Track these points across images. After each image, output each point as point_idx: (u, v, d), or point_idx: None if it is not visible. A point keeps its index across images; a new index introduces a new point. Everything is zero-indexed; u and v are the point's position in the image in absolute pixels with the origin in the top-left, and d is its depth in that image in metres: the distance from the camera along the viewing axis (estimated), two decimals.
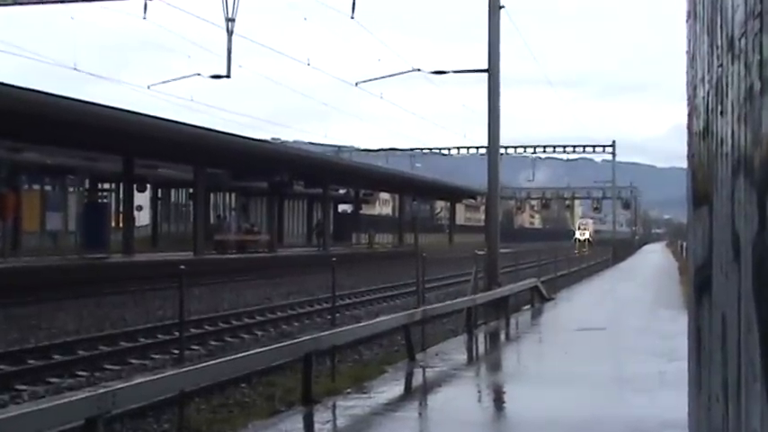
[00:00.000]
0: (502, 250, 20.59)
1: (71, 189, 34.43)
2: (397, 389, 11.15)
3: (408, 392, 11.23)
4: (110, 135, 31.12)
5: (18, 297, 21.44)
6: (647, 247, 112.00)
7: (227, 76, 26.61)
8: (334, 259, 12.65)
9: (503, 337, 17.30)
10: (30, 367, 13.10)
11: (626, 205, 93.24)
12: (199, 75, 30.32)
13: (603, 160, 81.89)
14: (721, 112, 3.16)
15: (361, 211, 74.16)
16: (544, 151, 72.43)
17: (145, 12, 27.06)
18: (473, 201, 70.34)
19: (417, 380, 12.04)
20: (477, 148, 64.25)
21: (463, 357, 14.26)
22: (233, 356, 9.22)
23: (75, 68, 30.82)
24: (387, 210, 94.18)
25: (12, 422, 5.62)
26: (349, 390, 10.56)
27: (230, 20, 25.90)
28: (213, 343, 16.32)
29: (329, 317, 16.59)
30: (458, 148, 70.59)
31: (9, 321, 18.07)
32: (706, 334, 3.49)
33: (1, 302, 20.33)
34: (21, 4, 29.14)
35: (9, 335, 16.24)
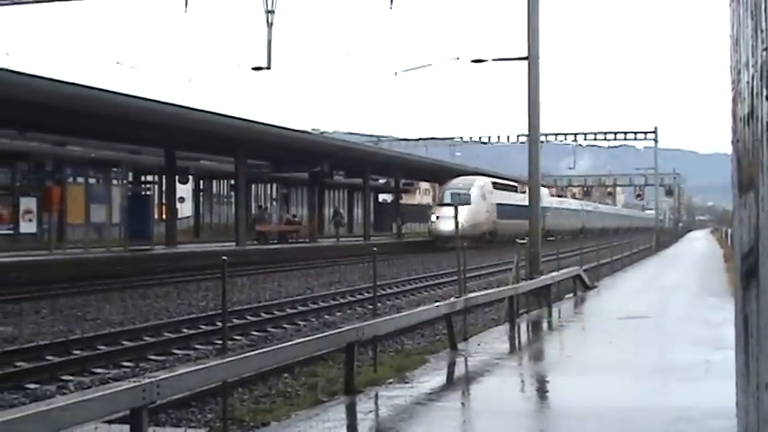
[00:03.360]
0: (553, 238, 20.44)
1: (115, 182, 34.83)
2: (439, 379, 11.13)
3: (450, 382, 11.21)
4: (152, 128, 31.44)
5: (64, 288, 21.73)
6: (690, 235, 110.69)
7: (268, 68, 26.67)
8: (375, 249, 12.63)
9: (545, 326, 17.19)
10: (75, 358, 13.27)
11: (669, 192, 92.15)
12: (239, 66, 30.41)
13: (645, 147, 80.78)
14: (766, 97, 3.09)
15: (402, 201, 74.18)
16: (585, 139, 71.79)
17: (186, 6, 27.23)
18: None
19: (459, 369, 12.01)
20: (519, 136, 63.90)
21: (505, 347, 14.20)
22: (275, 347, 9.24)
23: (117, 63, 31.06)
24: (427, 199, 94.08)
25: (58, 412, 5.69)
26: (391, 380, 10.56)
27: (270, 11, 25.95)
28: (255, 333, 16.41)
29: (371, 306, 16.62)
30: (498, 136, 70.26)
31: (55, 312, 18.33)
32: (754, 321, 3.43)
33: (47, 294, 20.63)
34: (58, 0, 29.45)
35: (55, 326, 16.47)
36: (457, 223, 15.89)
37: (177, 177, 43.36)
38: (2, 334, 15.20)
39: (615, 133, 70.71)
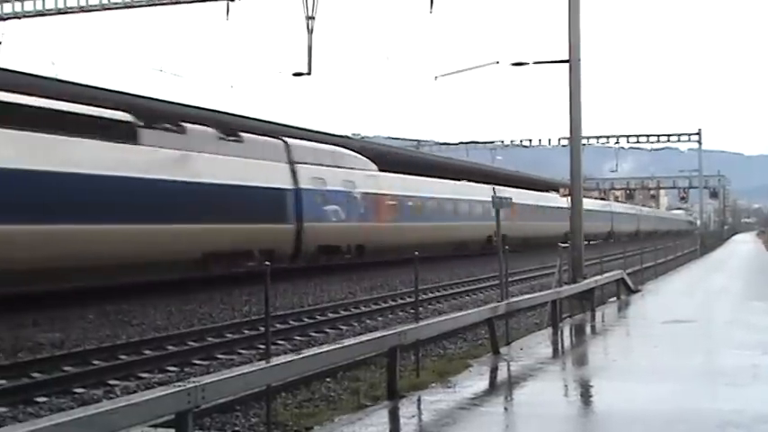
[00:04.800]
0: (586, 242, 20.26)
1: None
2: (481, 383, 11.10)
3: (493, 387, 11.17)
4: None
5: (109, 294, 21.98)
6: (736, 237, 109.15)
7: (309, 74, 26.80)
8: (416, 253, 12.61)
9: (588, 330, 17.06)
10: (121, 362, 13.44)
11: (713, 194, 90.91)
12: (280, 72, 30.67)
13: (689, 149, 79.85)
14: None
15: None
16: (627, 141, 71.04)
17: (228, 13, 27.49)
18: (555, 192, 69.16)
19: (502, 374, 11.96)
20: (560, 138, 63.52)
21: (548, 351, 14.10)
22: (318, 351, 9.26)
23: (160, 70, 31.44)
24: None
25: (105, 416, 5.76)
26: (434, 384, 10.55)
27: (310, 18, 26.09)
28: (298, 338, 16.48)
29: (412, 311, 16.61)
30: (540, 139, 69.91)
31: (101, 317, 18.56)
32: None
33: (94, 299, 20.88)
34: (109, 8, 29.86)
35: (101, 331, 16.68)
36: (499, 226, 15.79)
37: None
38: (50, 339, 15.43)
39: (658, 135, 69.82)
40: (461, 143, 74.63)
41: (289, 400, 10.77)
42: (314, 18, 26.28)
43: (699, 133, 68.40)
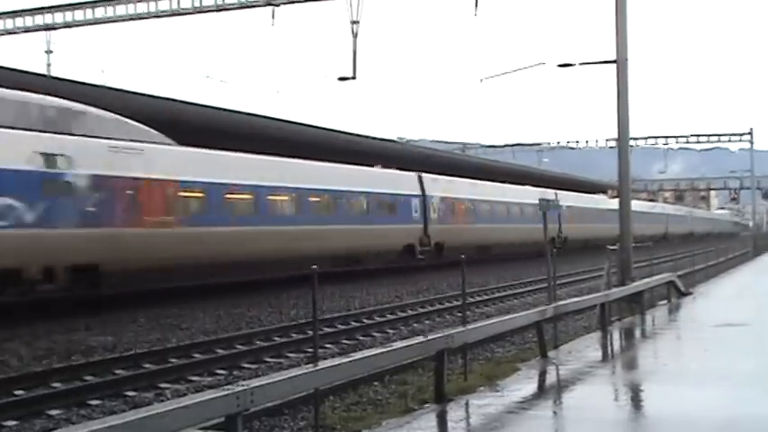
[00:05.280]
0: (635, 244, 20.05)
1: None
2: (530, 387, 11.03)
3: (542, 391, 11.10)
4: (246, 139, 31.93)
5: (160, 298, 22.25)
6: None
7: (353, 78, 26.90)
8: (462, 256, 12.58)
9: (638, 333, 16.87)
10: (172, 366, 13.59)
11: (766, 195, 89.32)
12: (325, 77, 30.96)
13: (740, 149, 78.62)
14: None
15: None
16: (677, 142, 70.16)
17: (273, 18, 27.72)
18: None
19: (551, 378, 11.88)
20: (607, 140, 62.96)
21: (597, 355, 13.98)
22: (365, 355, 9.28)
23: (207, 77, 31.77)
24: None
25: (156, 419, 5.83)
26: (482, 388, 10.52)
27: (355, 22, 26.19)
28: (345, 341, 16.53)
29: (460, 314, 16.55)
30: (587, 140, 69.37)
31: (152, 321, 18.79)
32: None
33: (144, 304, 21.16)
34: (158, 16, 30.25)
35: (152, 334, 16.88)
36: (546, 229, 15.70)
37: None
38: (102, 343, 15.66)
39: (708, 135, 68.92)
40: (507, 145, 74.35)
41: (336, 404, 10.80)
42: (358, 22, 26.38)
43: (750, 133, 67.30)
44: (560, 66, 27.58)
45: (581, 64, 25.09)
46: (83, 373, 12.77)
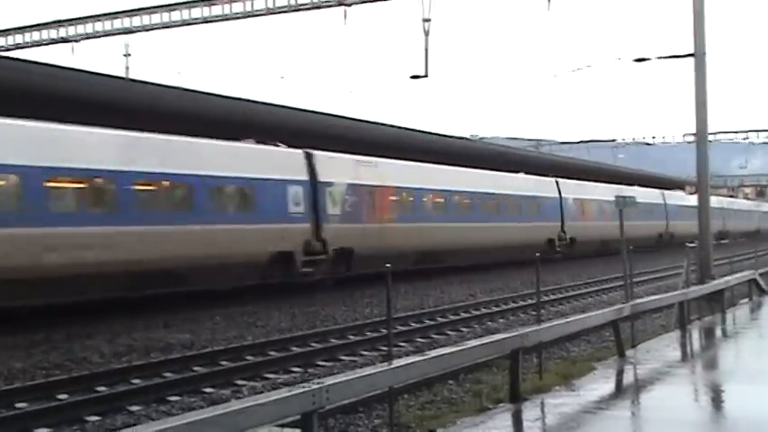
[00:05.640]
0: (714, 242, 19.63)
1: None
2: (607, 387, 10.89)
3: (619, 390, 10.94)
4: (320, 138, 31.99)
5: (236, 296, 22.53)
6: None
7: (425, 76, 26.89)
8: (537, 254, 12.49)
9: (719, 332, 16.51)
10: (248, 363, 13.76)
11: None
12: (397, 76, 31.02)
13: None
14: None
15: None
16: (758, 136, 68.45)
17: (345, 18, 27.89)
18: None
19: (628, 377, 11.71)
20: (685, 135, 61.77)
21: (676, 354, 13.72)
22: (440, 353, 9.27)
23: (281, 77, 32.09)
24: None
25: (233, 416, 5.91)
26: (557, 387, 10.41)
27: (426, 20, 26.17)
28: (419, 340, 16.52)
29: (534, 313, 16.41)
30: (663, 136, 68.16)
31: (228, 319, 19.05)
32: None
33: (221, 302, 21.45)
34: (231, 19, 30.69)
35: (228, 332, 17.12)
36: (622, 226, 15.46)
37: None
38: (180, 340, 15.94)
39: None
40: (582, 142, 73.48)
41: (411, 402, 10.81)
42: (430, 20, 26.35)
43: None
44: (636, 60, 27.13)
45: (658, 58, 24.65)
46: (162, 369, 13.01)
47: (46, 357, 14.05)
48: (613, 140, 73.55)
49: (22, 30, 35.80)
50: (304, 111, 33.14)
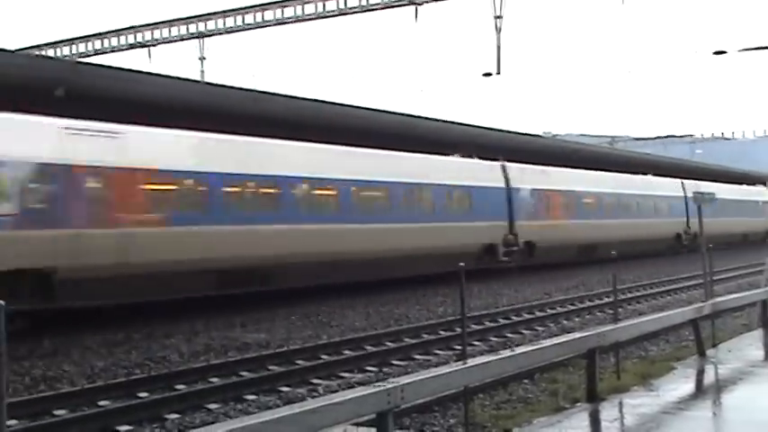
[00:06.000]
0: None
1: None
2: (687, 387, 10.68)
3: (700, 390, 10.73)
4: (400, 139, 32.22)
5: (311, 296, 22.72)
6: None
7: (498, 73, 26.74)
8: (613, 253, 12.31)
9: None
10: (323, 362, 13.86)
11: None
12: (469, 73, 31.01)
13: None
14: None
15: None
16: None
17: (416, 16, 27.90)
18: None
19: (709, 377, 11.46)
20: (766, 129, 60.25)
21: (759, 354, 13.38)
22: (515, 353, 9.20)
23: (353, 77, 32.29)
24: None
25: (309, 415, 5.96)
26: (635, 387, 10.26)
27: (498, 17, 26.03)
28: (494, 339, 16.43)
29: (611, 311, 16.18)
30: (743, 131, 66.56)
31: (303, 319, 19.22)
32: None
33: (296, 302, 21.66)
34: (303, 20, 30.96)
35: (304, 331, 17.26)
36: (701, 223, 15.15)
37: None
38: (256, 339, 16.13)
39: None
40: (658, 138, 72.23)
41: (486, 401, 10.75)
42: (502, 17, 26.20)
43: None
44: (715, 53, 26.57)
45: (739, 51, 24.08)
46: (238, 368, 13.18)
47: (127, 356, 14.36)
48: (690, 135, 72.13)
49: (100, 36, 36.67)
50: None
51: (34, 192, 16.73)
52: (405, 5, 29.05)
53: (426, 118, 35.43)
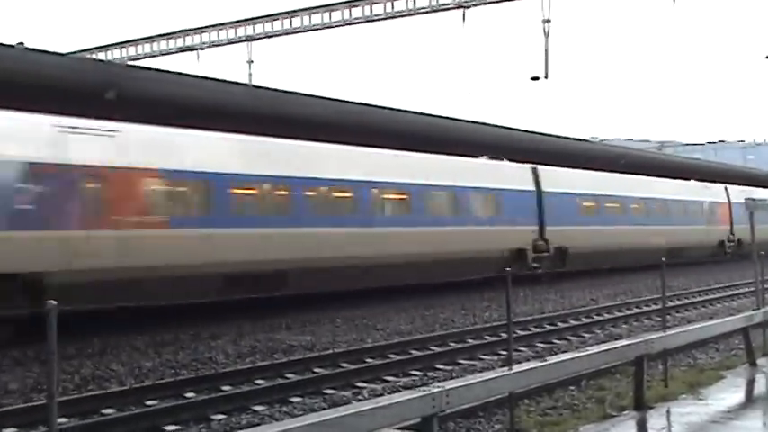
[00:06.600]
0: None
1: None
2: (736, 396, 10.52)
3: (750, 400, 10.56)
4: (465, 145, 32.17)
5: (355, 299, 22.77)
6: None
7: (546, 78, 26.59)
8: (663, 259, 12.16)
9: None
10: (368, 366, 13.87)
11: None
12: (517, 77, 30.98)
13: None
14: None
15: None
16: None
17: (464, 19, 27.85)
18: None
19: (760, 386, 11.29)
20: None
21: None
22: (561, 359, 9.14)
23: (399, 81, 32.24)
24: None
25: (354, 418, 5.97)
26: (684, 395, 10.13)
27: (547, 21, 25.89)
28: (540, 345, 16.32)
29: (659, 319, 15.99)
30: None
31: (348, 322, 19.26)
32: None
33: (341, 305, 21.72)
34: (351, 24, 31.03)
35: (348, 335, 17.31)
36: (753, 230, 14.92)
37: None
38: (301, 342, 16.20)
39: None
40: (709, 143, 71.25)
41: (531, 407, 10.67)
42: (550, 21, 26.05)
43: None
44: None
45: None
46: (284, 370, 13.25)
47: (174, 357, 14.51)
48: (742, 141, 71.05)
49: (151, 39, 37.11)
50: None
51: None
52: (452, 9, 29.00)
53: (455, 119, 34.94)
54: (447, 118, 35.15)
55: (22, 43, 21.57)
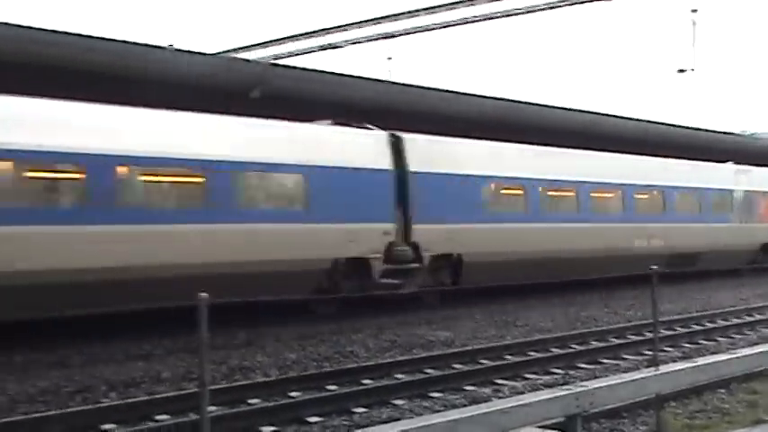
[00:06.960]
0: None
1: None
2: None
3: None
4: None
5: (494, 296, 22.64)
6: None
7: (693, 70, 25.74)
8: None
9: None
10: (507, 362, 13.78)
11: None
12: (662, 69, 30.04)
13: None
14: None
15: None
16: None
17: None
18: None
19: None
20: None
21: None
22: (711, 360, 8.82)
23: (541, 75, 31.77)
24: None
25: (498, 415, 5.95)
26: None
27: (694, 11, 25.06)
28: (686, 345, 15.82)
29: None
30: None
31: (488, 318, 19.17)
32: None
33: (481, 301, 21.64)
34: (490, 18, 30.82)
35: (488, 331, 17.23)
36: None
37: None
38: (440, 337, 16.24)
39: None
40: None
41: (678, 410, 10.34)
42: (697, 10, 25.20)
43: None
44: None
45: None
46: (423, 365, 13.32)
47: (316, 349, 14.80)
48: None
49: (293, 38, 37.92)
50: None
51: None
52: (596, 0, 28.42)
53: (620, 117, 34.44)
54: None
55: (172, 45, 22.45)
